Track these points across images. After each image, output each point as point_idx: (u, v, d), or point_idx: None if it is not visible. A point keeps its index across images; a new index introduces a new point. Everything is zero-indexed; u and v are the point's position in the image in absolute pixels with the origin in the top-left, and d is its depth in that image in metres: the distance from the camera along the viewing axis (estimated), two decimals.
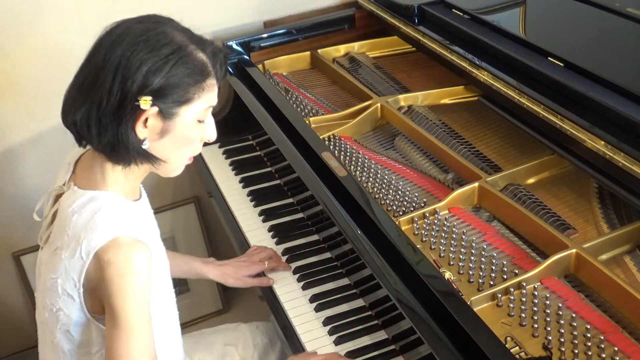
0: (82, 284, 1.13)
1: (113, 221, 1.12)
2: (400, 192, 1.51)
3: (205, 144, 1.23)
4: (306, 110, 1.85)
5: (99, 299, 1.14)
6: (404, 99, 1.79)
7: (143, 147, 1.12)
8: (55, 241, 1.16)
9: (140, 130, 1.10)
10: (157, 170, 1.20)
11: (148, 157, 1.15)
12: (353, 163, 1.62)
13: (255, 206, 1.79)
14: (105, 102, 1.07)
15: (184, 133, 1.14)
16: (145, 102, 1.06)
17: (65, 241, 1.13)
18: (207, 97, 1.14)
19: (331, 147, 1.67)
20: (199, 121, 1.16)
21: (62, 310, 1.16)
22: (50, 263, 1.17)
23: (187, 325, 2.41)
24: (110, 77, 1.07)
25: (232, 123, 2.06)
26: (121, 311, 1.10)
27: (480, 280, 1.26)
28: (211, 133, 1.20)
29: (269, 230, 1.70)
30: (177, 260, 1.57)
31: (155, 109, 1.08)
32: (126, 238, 1.11)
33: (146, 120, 1.09)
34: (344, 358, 1.32)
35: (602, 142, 1.27)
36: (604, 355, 1.09)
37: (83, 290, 1.14)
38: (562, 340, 1.12)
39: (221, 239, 2.35)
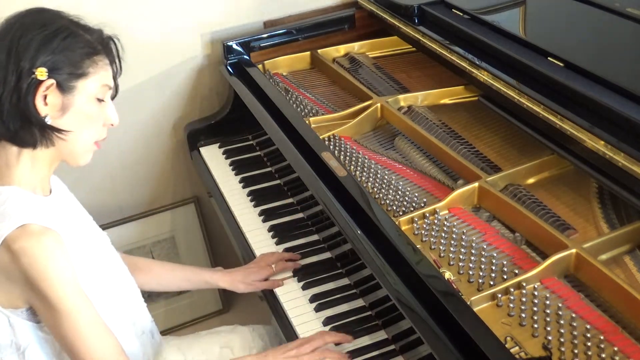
0: None
1: (20, 210, 1.12)
2: (400, 192, 1.50)
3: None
4: (306, 110, 1.85)
5: (12, 291, 1.13)
6: (403, 99, 1.79)
7: (46, 121, 1.14)
8: None
9: (42, 107, 1.13)
10: (65, 156, 1.21)
11: (52, 134, 1.16)
12: (353, 163, 1.62)
13: (255, 206, 1.79)
14: (2, 83, 1.11)
15: (84, 109, 1.17)
16: (41, 73, 1.11)
17: None
18: (102, 75, 1.19)
19: (331, 147, 1.67)
20: (99, 99, 1.19)
21: None
22: None
23: (187, 325, 2.42)
24: (4, 59, 1.11)
25: (232, 123, 2.07)
26: (53, 296, 1.10)
27: (480, 280, 1.26)
28: (113, 116, 1.23)
29: (269, 230, 1.70)
30: (186, 272, 1.60)
31: (52, 81, 1.12)
32: (35, 226, 1.10)
33: (46, 97, 1.13)
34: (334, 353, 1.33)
35: (602, 142, 1.27)
36: (604, 355, 1.09)
37: None
38: (562, 340, 1.12)
39: (221, 239, 2.35)
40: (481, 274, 1.28)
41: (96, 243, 1.32)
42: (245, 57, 2.03)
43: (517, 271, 1.27)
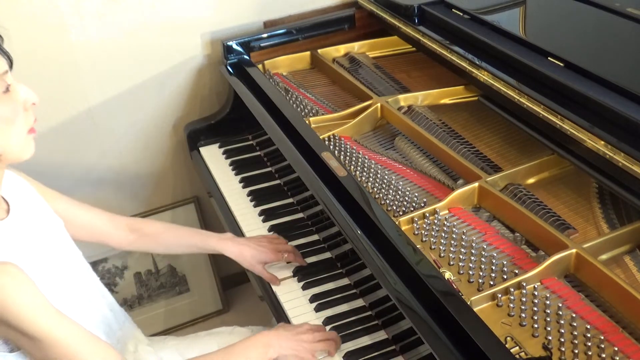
0: None
1: None
2: (400, 192, 1.50)
3: None
4: (306, 110, 1.85)
5: None
6: (404, 99, 1.79)
7: None
8: None
9: None
10: (5, 161, 1.13)
11: None
12: (353, 163, 1.62)
13: (255, 206, 1.79)
14: None
15: None
16: None
17: None
18: None
19: (331, 147, 1.67)
20: (4, 92, 1.08)
21: None
22: None
23: (187, 325, 2.42)
24: None
25: (232, 123, 2.07)
26: (31, 329, 1.06)
27: (480, 280, 1.26)
28: (27, 95, 1.12)
29: (269, 230, 1.70)
30: (193, 238, 1.57)
31: None
32: None
33: None
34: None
35: (602, 142, 1.27)
36: (604, 355, 1.09)
37: None
38: (562, 340, 1.12)
39: None
40: (481, 274, 1.28)
41: (60, 260, 1.27)
42: (245, 57, 2.03)
43: (517, 271, 1.27)
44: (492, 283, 1.26)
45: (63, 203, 1.41)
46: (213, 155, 2.01)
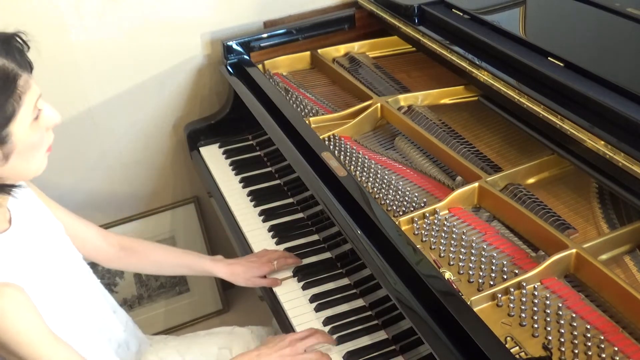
0: None
1: None
2: (400, 192, 1.50)
3: None
4: (306, 110, 1.85)
5: None
6: (404, 99, 1.79)
7: None
8: None
9: None
10: (20, 180, 1.14)
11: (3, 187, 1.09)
12: (353, 163, 1.62)
13: (255, 206, 1.79)
14: None
15: (27, 143, 1.07)
16: None
17: None
18: (30, 96, 1.07)
19: (331, 147, 1.67)
20: (34, 119, 1.09)
21: None
22: None
23: (187, 325, 2.42)
24: None
25: (232, 123, 2.07)
26: (25, 352, 1.06)
27: (480, 280, 1.26)
28: (53, 117, 1.13)
29: (269, 230, 1.70)
30: (184, 259, 1.58)
31: None
32: None
33: None
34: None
35: (602, 142, 1.27)
36: (604, 355, 1.09)
37: None
38: (562, 340, 1.12)
39: (221, 239, 2.36)
40: (481, 274, 1.28)
41: (62, 265, 1.27)
42: (245, 57, 2.03)
43: (517, 271, 1.27)
44: (492, 283, 1.26)
45: (59, 212, 1.40)
46: (213, 155, 2.01)
